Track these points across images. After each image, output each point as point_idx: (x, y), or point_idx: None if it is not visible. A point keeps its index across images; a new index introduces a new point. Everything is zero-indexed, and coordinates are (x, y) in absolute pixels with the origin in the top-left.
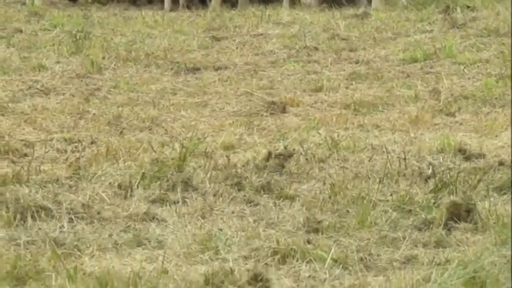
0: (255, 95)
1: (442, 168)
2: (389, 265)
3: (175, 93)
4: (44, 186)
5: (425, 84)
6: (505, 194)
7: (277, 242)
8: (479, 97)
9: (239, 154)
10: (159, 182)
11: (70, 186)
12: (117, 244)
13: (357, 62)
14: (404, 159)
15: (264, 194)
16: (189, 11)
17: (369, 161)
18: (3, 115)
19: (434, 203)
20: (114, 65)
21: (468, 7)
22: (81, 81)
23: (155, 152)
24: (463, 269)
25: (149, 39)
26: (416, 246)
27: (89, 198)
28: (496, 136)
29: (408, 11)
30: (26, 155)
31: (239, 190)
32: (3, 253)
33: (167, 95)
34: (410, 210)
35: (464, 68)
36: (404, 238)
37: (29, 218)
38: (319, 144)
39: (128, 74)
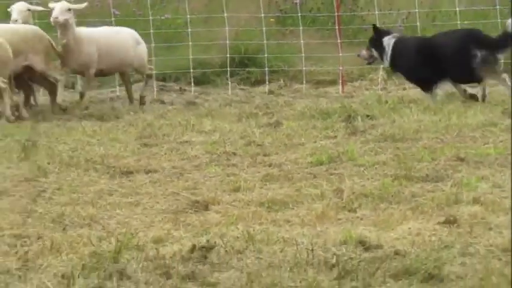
0: (181, 195)
1: (345, 258)
2: None
3: (111, 194)
4: None
5: (330, 184)
6: (399, 280)
7: None
8: (377, 195)
9: (167, 247)
10: (97, 272)
11: (19, 277)
12: None
13: (270, 165)
14: (312, 250)
15: (189, 282)
16: (123, 121)
17: (281, 252)
18: None
19: None
20: (58, 169)
21: (367, 116)
22: (29, 184)
23: (94, 245)
24: None
25: (88, 147)
26: None
27: (36, 287)
28: (392, 229)
29: (315, 120)
30: None
31: (167, 278)
32: None
33: (104, 196)
34: None
35: (364, 169)
36: None
37: None
38: (237, 237)
39: (70, 177)
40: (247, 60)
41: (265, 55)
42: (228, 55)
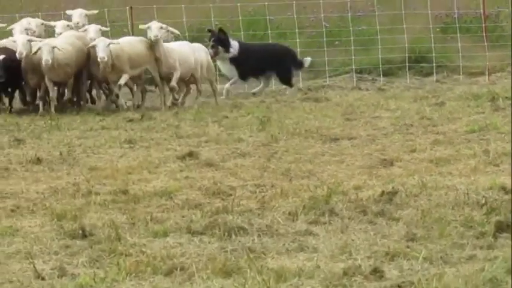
0: (373, 155)
1: (491, 199)
2: (458, 261)
3: (324, 155)
4: (242, 214)
5: (480, 146)
6: None
7: (388, 247)
8: None
9: (364, 192)
10: (314, 211)
11: (258, 214)
12: (288, 250)
13: (437, 133)
14: (467, 193)
15: (380, 217)
16: (332, 102)
17: (445, 195)
18: (216, 170)
19: (486, 221)
20: (285, 137)
21: (506, 97)
22: (265, 147)
23: (311, 191)
24: (505, 263)
25: (307, 121)
26: (475, 248)
27: (270, 221)
28: None
29: (468, 100)
30: (230, 195)
31: (364, 215)
32: (217, 257)
33: (318, 156)
34: (471, 226)
35: (504, 136)
36: (468, 244)
37: (233, 235)
38: (414, 185)
39: (294, 143)
40: (421, 58)
41: (433, 54)
42: (406, 54)
